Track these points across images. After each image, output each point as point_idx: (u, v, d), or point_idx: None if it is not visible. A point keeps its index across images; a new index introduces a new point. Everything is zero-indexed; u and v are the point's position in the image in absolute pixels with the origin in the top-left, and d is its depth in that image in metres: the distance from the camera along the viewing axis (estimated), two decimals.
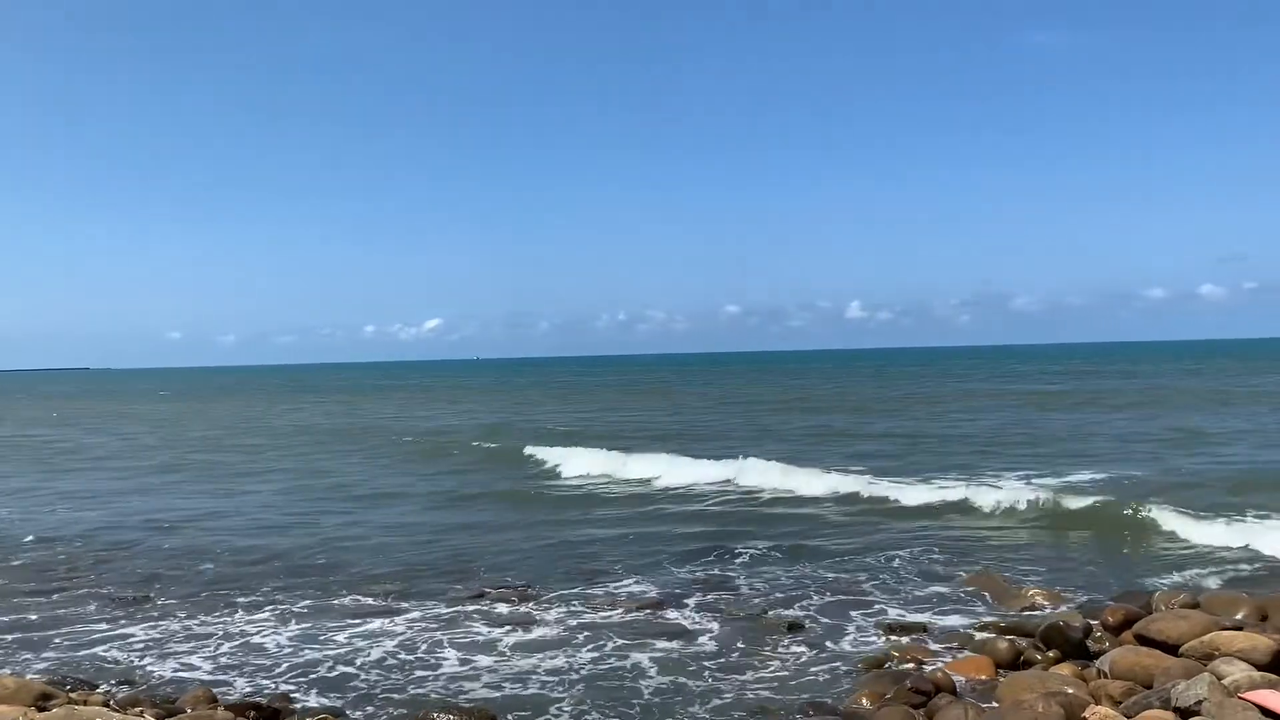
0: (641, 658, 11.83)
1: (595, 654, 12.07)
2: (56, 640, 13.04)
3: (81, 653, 12.48)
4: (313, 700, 10.59)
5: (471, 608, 14.26)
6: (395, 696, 10.67)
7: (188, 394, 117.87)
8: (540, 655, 11.97)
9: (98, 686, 10.73)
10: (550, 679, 11.15)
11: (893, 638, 12.47)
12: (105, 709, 8.31)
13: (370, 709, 10.33)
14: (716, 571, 16.26)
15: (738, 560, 17.06)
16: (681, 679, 11.10)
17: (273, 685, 11.11)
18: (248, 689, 10.93)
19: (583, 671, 11.41)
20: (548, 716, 10.07)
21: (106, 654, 12.42)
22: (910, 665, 11.20)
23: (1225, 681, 8.78)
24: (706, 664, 11.55)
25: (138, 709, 9.05)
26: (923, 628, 12.91)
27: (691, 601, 14.39)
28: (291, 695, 10.59)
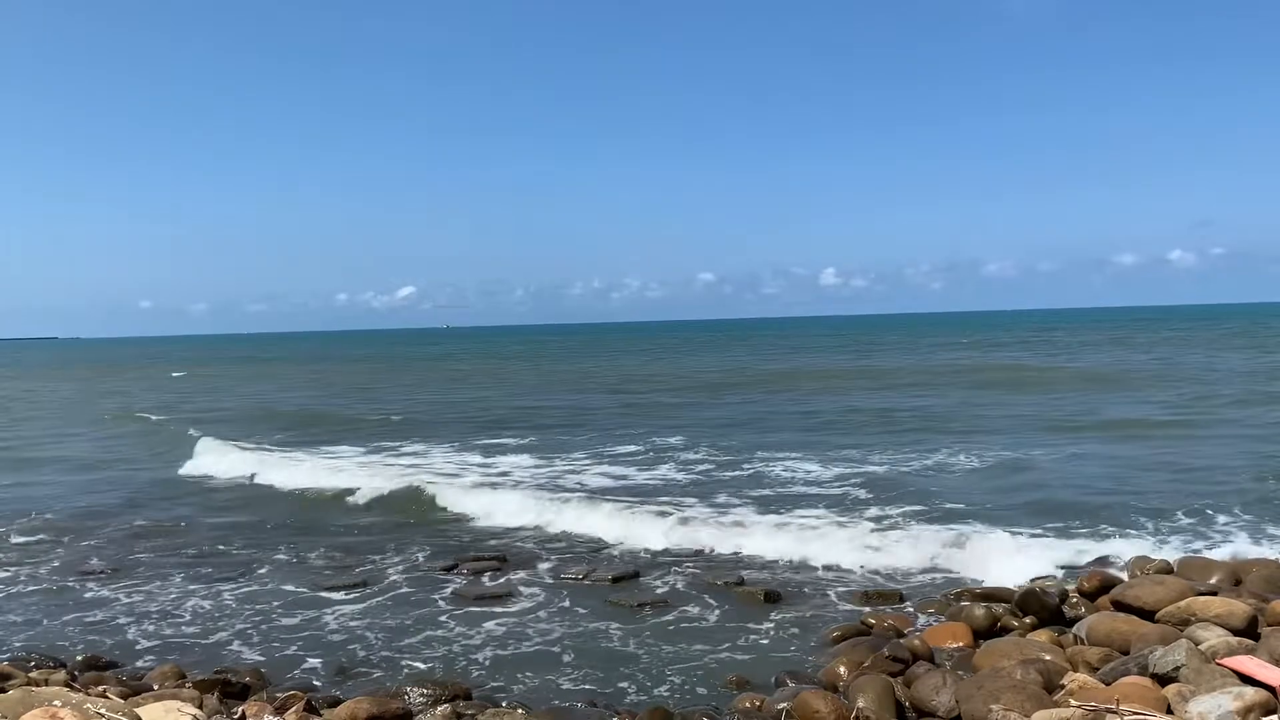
0: (617, 628, 11.74)
1: (571, 624, 11.98)
2: None
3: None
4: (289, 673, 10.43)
5: (442, 578, 14.13)
6: (369, 671, 10.53)
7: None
8: (514, 625, 11.85)
9: (64, 664, 10.51)
10: (525, 649, 11.05)
11: (869, 606, 12.42)
12: (66, 689, 8.07)
13: (347, 683, 10.18)
14: (690, 540, 16.15)
15: (708, 526, 16.95)
16: (658, 649, 11.02)
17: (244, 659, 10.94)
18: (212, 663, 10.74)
19: (559, 642, 11.30)
20: (522, 687, 9.95)
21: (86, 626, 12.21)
22: (888, 632, 11.15)
23: (1202, 647, 8.75)
24: (683, 633, 11.48)
25: (101, 687, 8.82)
26: (899, 595, 12.88)
27: (667, 571, 14.29)
28: (263, 670, 10.41)
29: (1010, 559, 14.05)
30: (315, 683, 10.19)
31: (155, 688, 9.56)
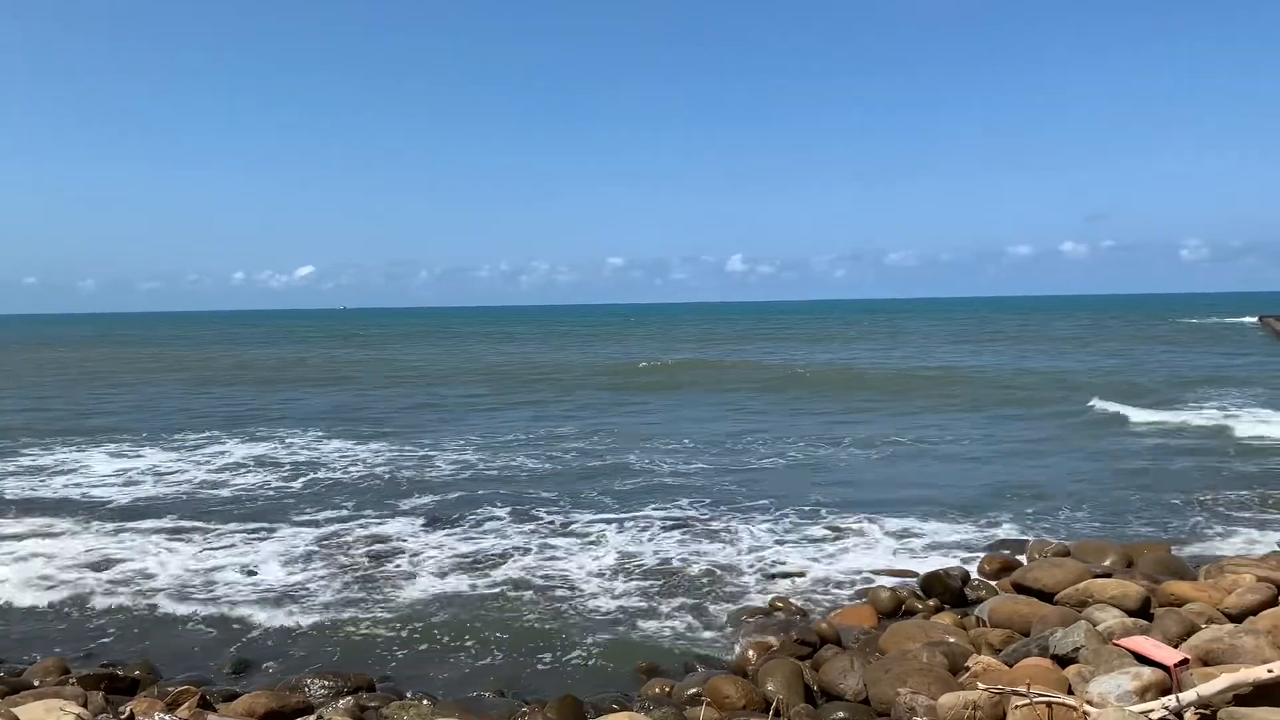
0: (530, 607, 11.58)
1: (484, 602, 11.77)
2: None
3: None
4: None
5: (321, 546, 13.74)
6: (267, 663, 10.16)
7: None
8: (420, 611, 11.56)
9: None
10: (428, 637, 10.77)
11: (779, 587, 12.45)
12: None
13: (244, 677, 9.79)
14: (598, 524, 16.03)
15: (617, 517, 16.87)
16: (570, 629, 10.88)
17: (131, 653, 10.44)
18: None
19: (469, 627, 11.05)
20: (429, 678, 9.70)
21: None
22: (795, 615, 11.20)
23: (1100, 628, 8.99)
24: (590, 621, 11.32)
25: None
26: (804, 575, 12.95)
27: (578, 554, 14.14)
28: (153, 663, 9.94)
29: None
30: (209, 676, 9.76)
31: (36, 684, 9.06)
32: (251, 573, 13.33)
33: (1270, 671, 6.99)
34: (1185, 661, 7.60)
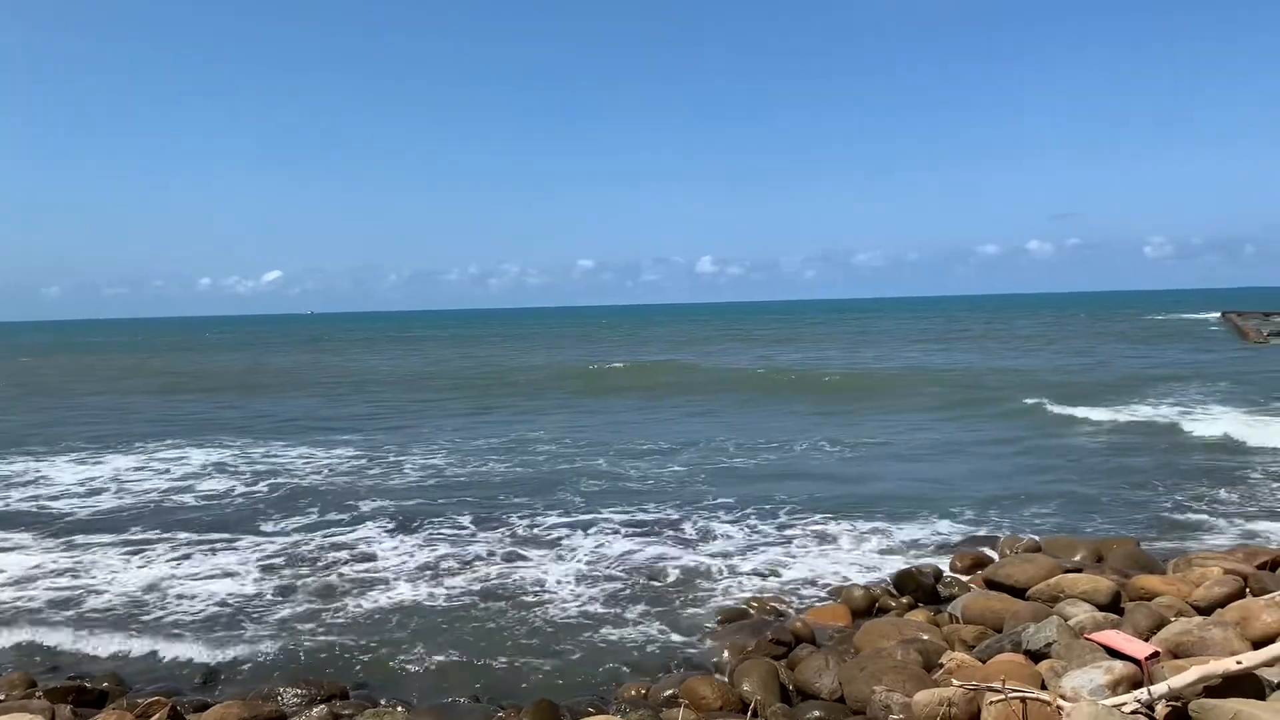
0: (503, 613, 11.50)
1: (456, 607, 11.68)
2: None
3: None
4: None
5: (289, 554, 13.61)
6: (239, 671, 10.03)
7: None
8: (391, 618, 11.47)
9: None
10: (399, 644, 10.68)
11: (754, 587, 12.45)
12: None
13: (216, 686, 9.67)
14: (568, 528, 15.99)
15: (588, 520, 16.83)
16: (544, 633, 10.83)
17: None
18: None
19: (441, 626, 10.99)
20: (402, 685, 9.62)
21: None
22: (770, 615, 11.21)
23: (1072, 623, 9.07)
24: (569, 621, 11.28)
25: None
26: (779, 574, 12.96)
27: (549, 559, 14.09)
28: (122, 676, 9.79)
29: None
30: (179, 687, 9.62)
31: (1, 698, 8.91)
32: (219, 582, 13.15)
33: (1239, 663, 7.07)
34: (1156, 655, 7.67)
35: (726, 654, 9.93)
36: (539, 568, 13.59)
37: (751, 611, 11.40)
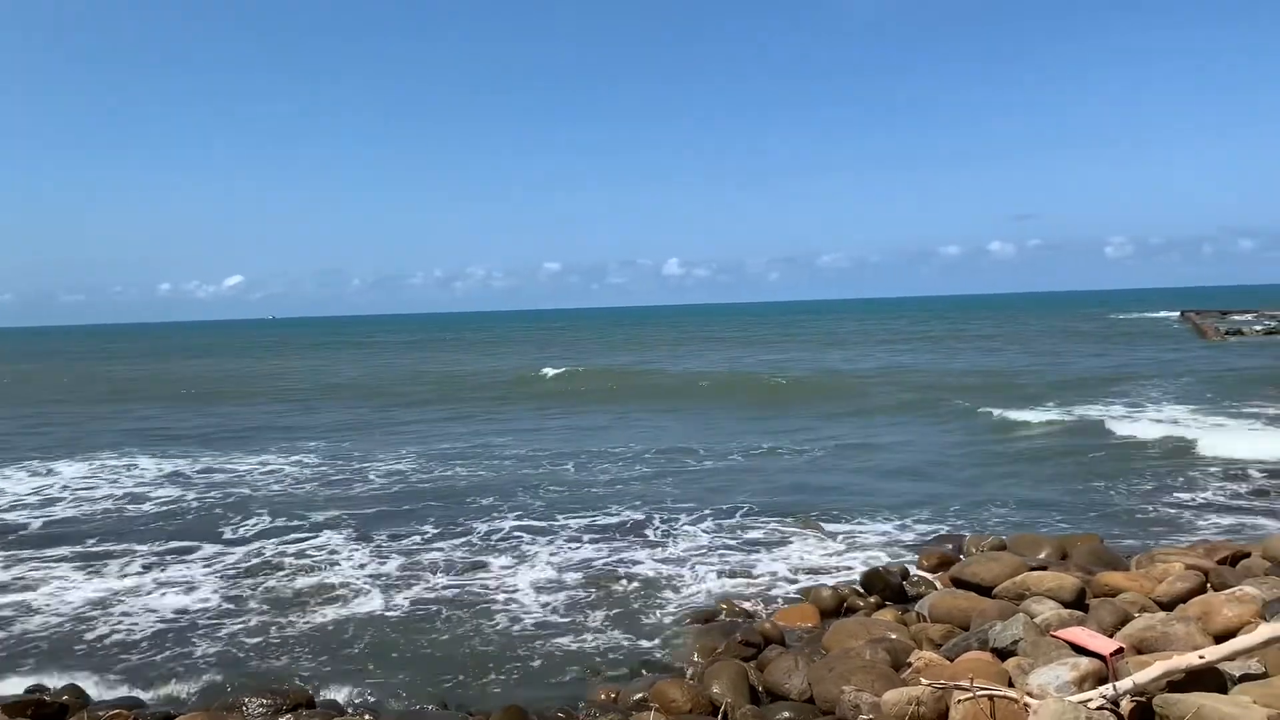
0: (469, 619, 11.41)
1: (421, 615, 11.57)
2: None
3: None
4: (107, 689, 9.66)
5: (250, 563, 13.44)
6: (200, 680, 9.88)
7: None
8: (355, 626, 11.35)
9: None
10: (363, 652, 10.57)
11: (722, 588, 12.45)
12: None
13: (178, 699, 9.52)
14: (533, 534, 15.92)
15: (555, 524, 16.77)
16: (512, 639, 10.76)
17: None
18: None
19: (406, 634, 10.88)
20: (368, 693, 9.51)
21: None
22: (739, 617, 11.20)
23: (1038, 620, 9.14)
24: (536, 627, 11.22)
25: None
26: (749, 576, 12.96)
27: (514, 565, 14.01)
28: (82, 688, 9.60)
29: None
30: (141, 698, 9.45)
31: None
32: (176, 593, 12.92)
33: (1201, 658, 7.15)
34: (1120, 650, 7.74)
35: (696, 656, 9.91)
36: (503, 574, 13.49)
37: (720, 613, 11.39)
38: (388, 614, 11.83)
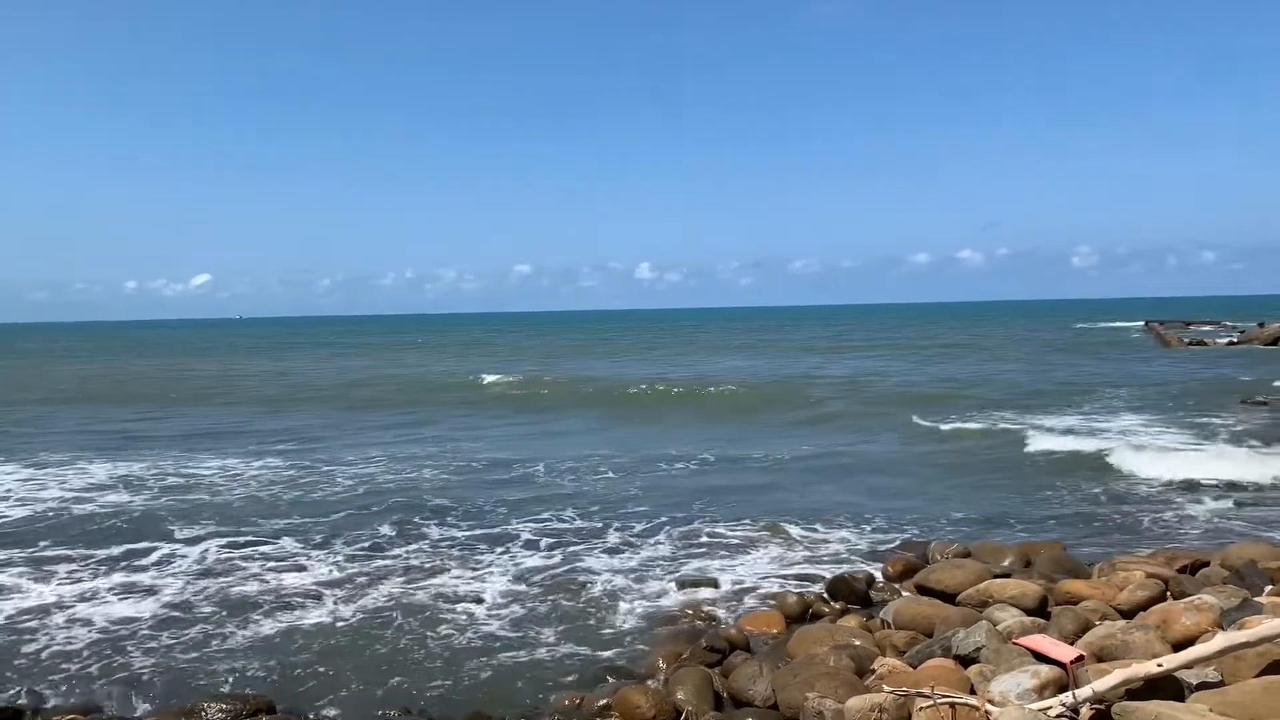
0: (427, 627, 11.31)
1: (379, 622, 11.44)
2: None
3: None
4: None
5: (201, 569, 13.28)
6: (157, 684, 9.74)
7: None
8: (312, 633, 11.23)
9: None
10: (324, 658, 10.46)
11: (686, 594, 12.44)
12: None
13: (135, 705, 9.38)
14: (496, 540, 15.85)
15: (519, 530, 16.71)
16: (472, 645, 10.68)
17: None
18: None
19: (368, 640, 10.77)
20: (329, 699, 9.41)
21: None
22: (704, 622, 11.20)
23: (1000, 628, 9.20)
24: (499, 634, 11.15)
25: None
26: (714, 583, 12.97)
27: (484, 563, 13.94)
28: (40, 692, 9.44)
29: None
30: (98, 703, 9.30)
31: None
32: (129, 599, 12.67)
33: (1159, 665, 7.22)
34: (1081, 658, 7.81)
35: (661, 662, 9.89)
36: (466, 580, 13.38)
37: (686, 619, 11.38)
38: (343, 622, 11.66)
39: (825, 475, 21.08)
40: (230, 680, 9.84)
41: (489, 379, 48.19)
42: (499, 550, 14.94)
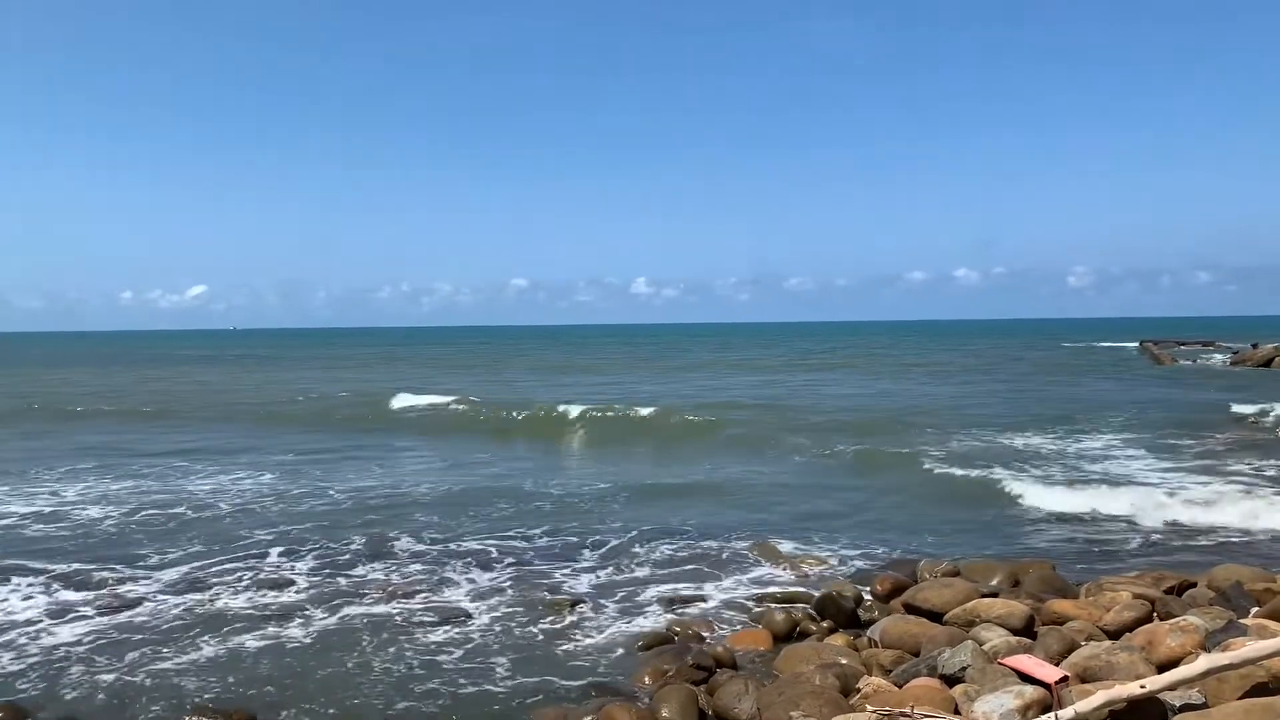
0: (409, 650, 11.22)
1: (355, 640, 11.38)
2: None
3: None
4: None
5: (216, 582, 13.22)
6: (138, 699, 9.68)
7: None
8: (300, 644, 11.19)
9: None
10: (300, 673, 10.40)
11: (673, 612, 12.42)
12: None
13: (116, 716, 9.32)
14: (486, 549, 15.81)
15: (509, 537, 16.67)
16: (455, 663, 10.62)
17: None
18: None
19: (341, 667, 10.68)
20: (310, 712, 9.37)
21: None
22: (691, 640, 11.18)
23: (986, 648, 9.19)
24: (482, 646, 11.11)
25: None
26: (702, 600, 12.95)
27: (462, 580, 13.89)
28: (19, 705, 9.39)
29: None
30: (79, 717, 9.23)
31: None
32: (112, 612, 12.58)
33: (1143, 687, 7.23)
34: (1065, 679, 7.81)
35: (646, 679, 9.86)
36: (449, 593, 13.35)
37: (672, 637, 11.35)
38: (320, 639, 11.54)
39: (815, 493, 21.07)
40: (210, 694, 9.76)
41: (528, 399, 48.20)
42: (487, 566, 14.87)
